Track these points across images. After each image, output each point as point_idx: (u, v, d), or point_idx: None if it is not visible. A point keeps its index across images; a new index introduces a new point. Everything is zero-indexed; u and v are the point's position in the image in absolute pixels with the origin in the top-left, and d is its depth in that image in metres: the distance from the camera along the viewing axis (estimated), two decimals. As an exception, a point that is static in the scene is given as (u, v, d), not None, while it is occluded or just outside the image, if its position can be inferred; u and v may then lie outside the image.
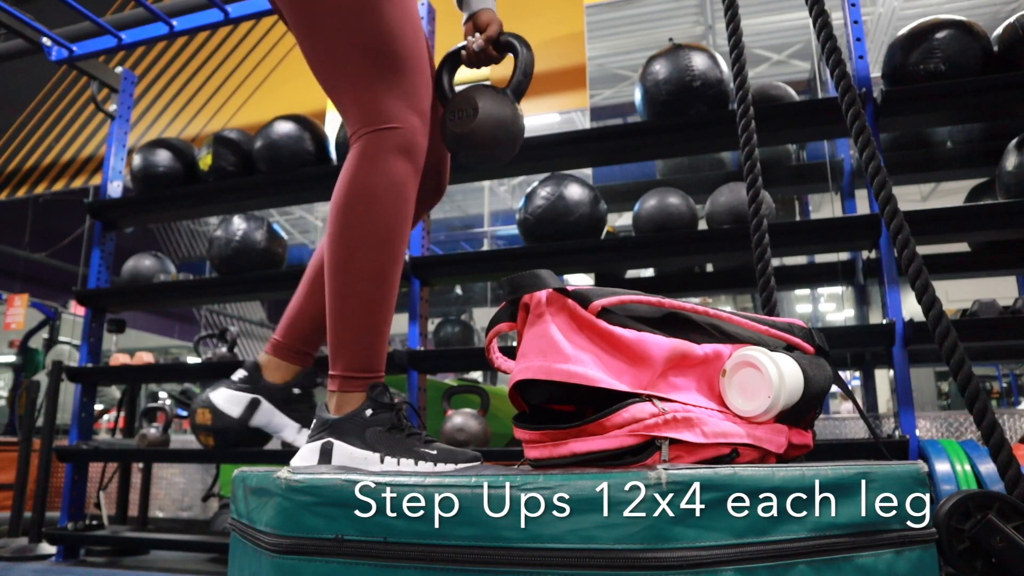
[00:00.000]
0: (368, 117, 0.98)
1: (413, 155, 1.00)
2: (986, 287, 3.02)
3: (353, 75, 0.99)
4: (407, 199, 0.99)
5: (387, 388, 0.96)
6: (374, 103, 0.98)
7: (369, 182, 0.96)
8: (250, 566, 0.80)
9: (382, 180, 0.96)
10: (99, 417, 5.05)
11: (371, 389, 0.94)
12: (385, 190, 0.97)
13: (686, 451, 0.79)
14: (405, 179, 0.99)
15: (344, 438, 0.91)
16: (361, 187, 0.96)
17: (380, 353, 0.98)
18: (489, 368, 3.84)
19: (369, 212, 0.96)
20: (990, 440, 0.95)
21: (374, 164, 0.96)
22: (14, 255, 7.38)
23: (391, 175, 0.97)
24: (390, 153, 0.97)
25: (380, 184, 0.96)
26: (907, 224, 1.06)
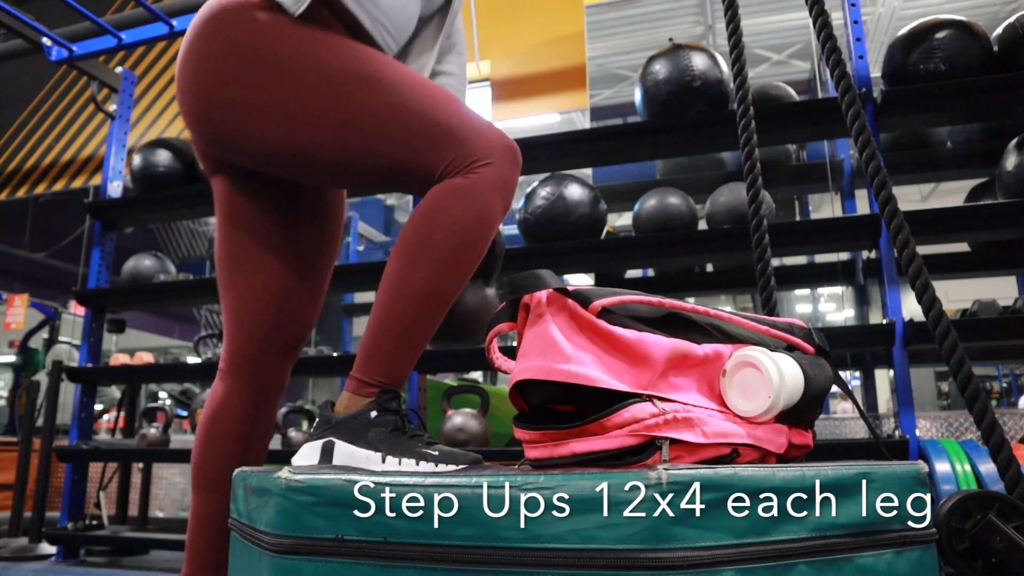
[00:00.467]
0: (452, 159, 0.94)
1: (505, 192, 0.97)
2: (986, 287, 3.02)
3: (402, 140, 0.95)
4: (489, 236, 0.97)
5: (397, 395, 0.96)
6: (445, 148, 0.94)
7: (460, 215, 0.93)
8: (250, 566, 0.80)
9: (475, 215, 0.94)
10: (99, 417, 5.06)
11: (381, 394, 0.94)
12: (476, 225, 0.94)
13: (686, 451, 0.79)
14: (495, 216, 0.96)
15: (346, 438, 0.91)
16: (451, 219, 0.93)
17: (407, 368, 0.97)
18: (489, 368, 3.84)
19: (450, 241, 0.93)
20: (990, 440, 0.95)
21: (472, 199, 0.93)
22: (14, 255, 7.38)
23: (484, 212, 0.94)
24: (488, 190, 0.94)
25: (471, 218, 0.93)
26: (907, 224, 1.06)
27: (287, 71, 0.95)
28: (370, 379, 0.95)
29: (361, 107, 0.95)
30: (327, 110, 0.95)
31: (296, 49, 0.95)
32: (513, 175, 0.97)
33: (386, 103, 0.95)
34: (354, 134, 0.96)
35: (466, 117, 0.97)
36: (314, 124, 0.96)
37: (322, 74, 0.95)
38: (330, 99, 0.95)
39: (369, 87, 0.95)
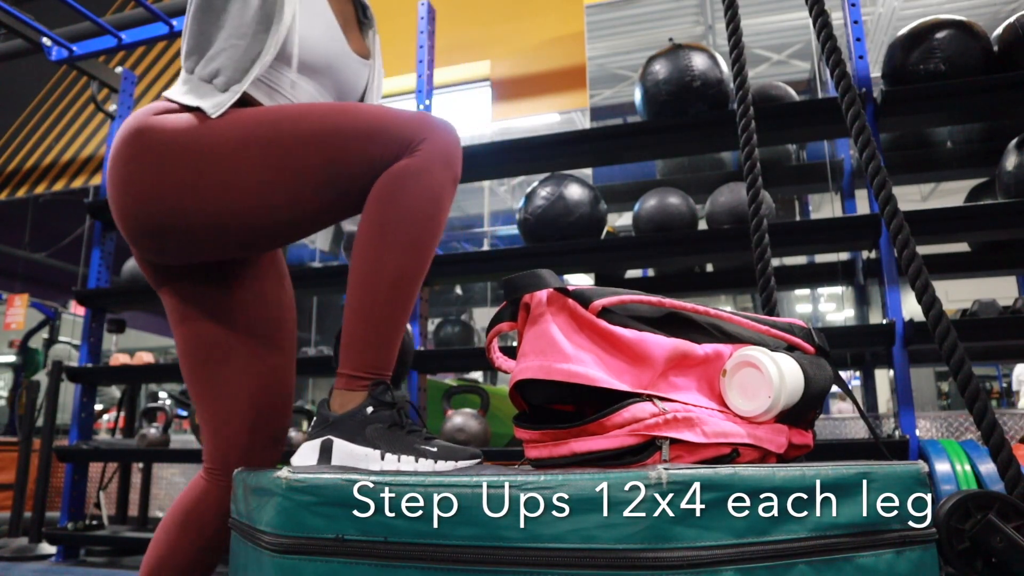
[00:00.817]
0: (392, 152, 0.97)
1: (449, 162, 0.99)
2: (986, 287, 3.02)
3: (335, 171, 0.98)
4: (443, 209, 0.99)
5: (390, 387, 0.96)
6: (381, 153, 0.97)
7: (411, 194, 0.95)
8: (250, 566, 0.80)
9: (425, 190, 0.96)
10: (99, 417, 5.06)
11: (374, 387, 0.95)
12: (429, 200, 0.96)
13: (686, 451, 0.79)
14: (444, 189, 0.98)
15: (344, 436, 0.91)
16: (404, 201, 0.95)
17: (391, 355, 0.98)
18: (489, 368, 3.85)
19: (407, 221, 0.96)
20: (990, 440, 0.95)
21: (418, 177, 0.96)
22: (14, 255, 7.38)
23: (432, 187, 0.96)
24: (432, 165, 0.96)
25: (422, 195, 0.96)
26: (907, 224, 1.06)
27: (222, 155, 0.98)
28: (358, 372, 0.95)
29: (302, 155, 0.97)
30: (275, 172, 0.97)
31: (224, 135, 0.98)
32: (451, 146, 1.00)
33: (322, 138, 0.97)
34: (308, 179, 0.98)
35: (388, 111, 1.00)
36: (267, 187, 0.98)
37: (252, 145, 0.98)
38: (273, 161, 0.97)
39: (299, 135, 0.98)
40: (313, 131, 0.97)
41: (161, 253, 1.06)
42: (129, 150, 1.00)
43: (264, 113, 1.01)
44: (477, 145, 2.76)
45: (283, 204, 0.99)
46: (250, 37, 1.01)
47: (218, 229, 1.00)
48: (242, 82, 1.01)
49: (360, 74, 1.20)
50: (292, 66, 1.07)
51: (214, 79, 1.02)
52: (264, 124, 0.99)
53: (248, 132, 0.98)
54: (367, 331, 0.96)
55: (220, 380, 1.11)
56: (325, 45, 1.11)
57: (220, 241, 1.03)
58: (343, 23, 1.17)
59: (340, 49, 1.14)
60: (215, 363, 1.11)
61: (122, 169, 1.00)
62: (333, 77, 1.15)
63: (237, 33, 1.02)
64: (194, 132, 0.98)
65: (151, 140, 0.99)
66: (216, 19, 1.03)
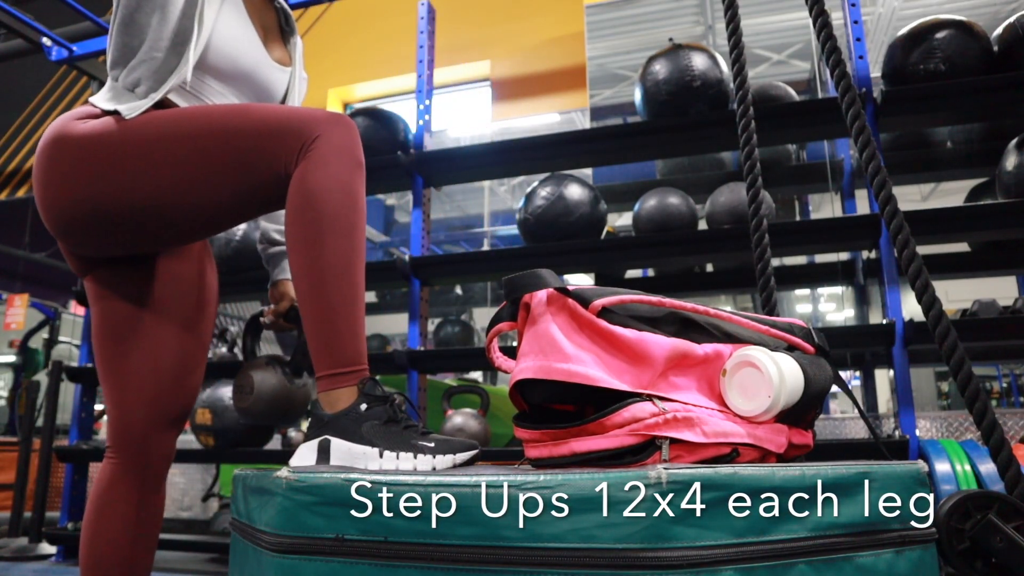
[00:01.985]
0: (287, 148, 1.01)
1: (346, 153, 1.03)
2: (986, 287, 3.02)
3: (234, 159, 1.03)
4: (356, 195, 1.03)
5: (377, 381, 0.97)
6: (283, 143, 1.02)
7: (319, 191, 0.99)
8: (250, 566, 0.80)
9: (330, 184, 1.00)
10: (99, 417, 5.05)
11: (362, 384, 0.95)
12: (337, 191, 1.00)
13: (686, 451, 0.79)
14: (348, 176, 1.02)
15: (341, 435, 0.91)
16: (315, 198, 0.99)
17: (360, 346, 0.99)
18: (489, 368, 3.85)
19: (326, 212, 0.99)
20: (990, 440, 0.95)
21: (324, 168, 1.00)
22: (14, 255, 7.37)
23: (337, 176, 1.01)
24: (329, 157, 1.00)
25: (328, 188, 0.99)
26: (907, 224, 1.06)
27: (132, 151, 1.05)
28: (335, 369, 0.96)
29: (203, 151, 1.04)
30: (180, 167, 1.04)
31: (134, 134, 1.05)
32: (345, 137, 1.03)
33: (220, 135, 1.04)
34: (211, 174, 1.04)
35: (280, 109, 1.05)
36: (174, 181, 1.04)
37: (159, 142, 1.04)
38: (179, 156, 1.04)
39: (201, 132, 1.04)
40: (212, 128, 1.03)
41: (83, 246, 1.12)
42: (48, 150, 1.07)
43: (172, 113, 1.07)
44: (477, 145, 2.76)
45: (190, 198, 1.05)
46: (168, 51, 1.08)
47: (132, 223, 1.06)
48: (159, 91, 1.09)
49: (279, 81, 1.27)
50: (211, 75, 1.15)
51: (135, 88, 1.10)
52: (171, 123, 1.05)
53: (156, 130, 1.05)
54: (326, 328, 0.98)
55: (125, 358, 1.16)
56: (244, 55, 1.18)
57: (136, 234, 1.09)
58: (263, 33, 1.24)
59: (259, 58, 1.21)
60: (127, 341, 1.16)
61: (42, 168, 1.08)
62: (252, 85, 1.21)
63: (156, 47, 1.08)
64: (107, 132, 1.05)
65: (68, 142, 1.06)
66: (137, 33, 1.09)
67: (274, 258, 1.40)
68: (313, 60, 2.87)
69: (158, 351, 1.18)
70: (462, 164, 2.68)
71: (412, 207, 2.65)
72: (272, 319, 1.37)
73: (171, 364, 1.20)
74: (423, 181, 2.67)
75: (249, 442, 2.70)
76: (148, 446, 1.17)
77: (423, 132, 2.73)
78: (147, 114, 1.07)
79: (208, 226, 1.13)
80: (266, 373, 1.24)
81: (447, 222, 8.07)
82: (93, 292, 1.18)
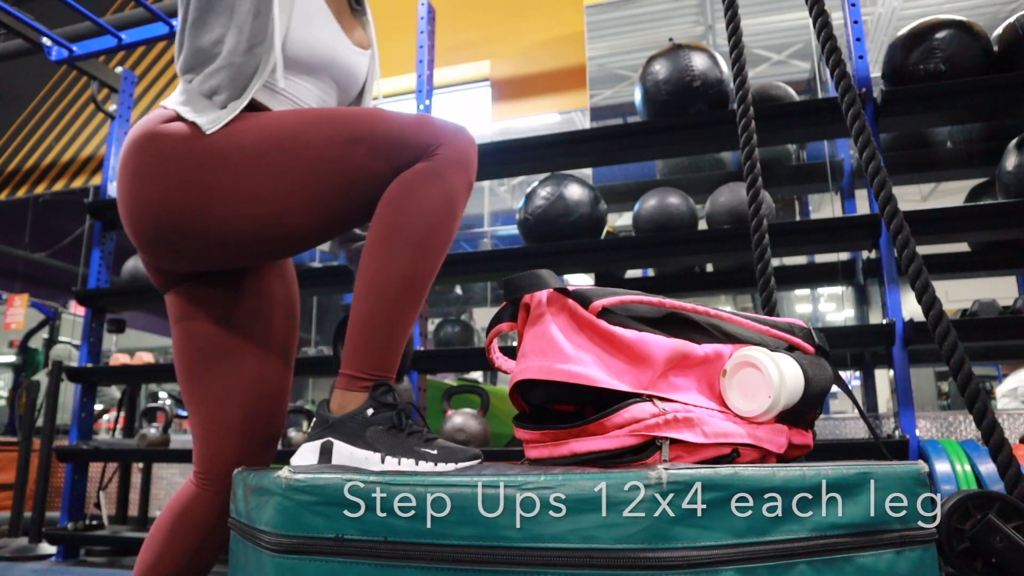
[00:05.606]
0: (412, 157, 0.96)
1: (466, 167, 0.98)
2: (986, 287, 3.02)
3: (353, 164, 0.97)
4: (456, 214, 0.98)
5: (391, 388, 0.95)
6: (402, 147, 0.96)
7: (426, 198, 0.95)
8: (250, 566, 0.80)
9: (439, 194, 0.95)
10: (99, 417, 5.05)
11: (374, 389, 0.94)
12: (443, 204, 0.95)
13: (687, 451, 0.79)
14: (458, 194, 0.98)
15: (344, 438, 0.91)
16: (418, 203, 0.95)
17: (395, 358, 0.97)
18: (489, 368, 3.85)
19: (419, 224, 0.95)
20: (990, 440, 0.95)
21: (434, 181, 0.95)
22: (14, 255, 7.37)
23: (447, 191, 0.96)
24: (448, 170, 0.96)
25: (436, 199, 0.95)
26: (907, 224, 1.06)
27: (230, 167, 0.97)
28: (361, 373, 0.95)
29: (317, 165, 0.97)
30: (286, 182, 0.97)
31: (229, 148, 0.98)
32: (469, 150, 0.99)
33: (341, 143, 0.97)
34: (324, 184, 0.97)
35: (404, 117, 1.00)
36: (279, 197, 0.97)
37: (263, 156, 0.97)
38: (285, 171, 0.97)
39: (313, 144, 0.97)
40: (323, 139, 0.97)
41: (173, 261, 1.05)
42: (138, 159, 1.00)
43: (272, 122, 0.99)
44: (477, 145, 2.75)
45: (296, 214, 0.98)
46: (248, 54, 1.00)
47: (229, 239, 0.99)
48: (241, 99, 1.01)
49: (360, 65, 1.19)
50: (291, 68, 1.07)
51: (214, 96, 1.02)
52: (272, 133, 0.98)
53: (254, 143, 0.97)
54: (373, 333, 0.95)
55: (215, 380, 1.10)
56: (323, 43, 1.10)
57: (232, 251, 1.02)
58: (338, 15, 1.15)
59: (339, 43, 1.13)
60: (212, 362, 1.10)
61: (132, 176, 1.00)
62: (334, 73, 1.14)
63: (236, 51, 1.00)
64: (198, 144, 0.98)
65: (159, 148, 0.99)
66: (210, 35, 1.02)
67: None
68: (313, 60, 2.81)
69: (245, 373, 1.11)
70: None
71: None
72: None
73: (259, 386, 1.13)
74: (423, 181, 2.66)
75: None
76: None
77: (423, 132, 2.73)
78: (241, 122, 0.99)
79: (313, 241, 1.06)
80: None
81: (449, 223, 8.06)
82: (175, 311, 1.11)
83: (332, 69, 1.13)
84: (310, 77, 1.11)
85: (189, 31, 1.03)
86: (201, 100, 1.02)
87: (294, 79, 1.09)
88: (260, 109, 1.06)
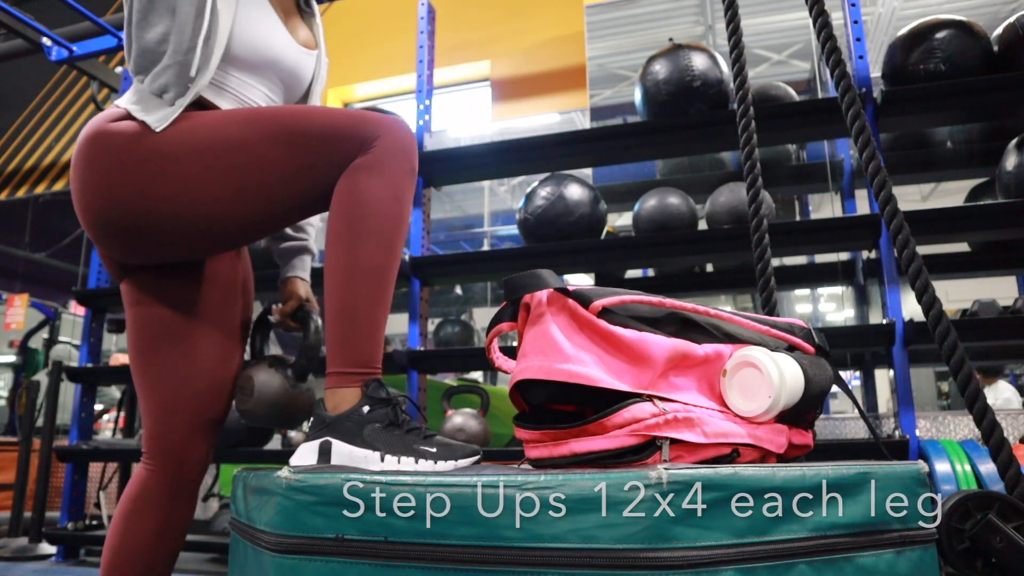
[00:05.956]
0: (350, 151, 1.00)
1: (405, 156, 1.02)
2: (986, 287, 3.02)
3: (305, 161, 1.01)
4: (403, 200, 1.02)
5: (382, 383, 0.96)
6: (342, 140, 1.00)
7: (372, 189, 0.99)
8: (250, 566, 0.80)
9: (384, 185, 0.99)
10: (99, 417, 5.05)
11: (366, 385, 0.95)
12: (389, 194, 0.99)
13: (687, 451, 0.79)
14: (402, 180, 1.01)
15: (342, 437, 0.91)
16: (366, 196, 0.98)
17: (377, 349, 0.99)
18: (489, 368, 3.85)
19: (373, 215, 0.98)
20: (990, 440, 0.95)
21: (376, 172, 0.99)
22: (14, 255, 7.37)
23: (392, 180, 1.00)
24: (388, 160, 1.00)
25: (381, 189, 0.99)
26: (907, 224, 1.06)
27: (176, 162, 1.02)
28: (348, 368, 0.96)
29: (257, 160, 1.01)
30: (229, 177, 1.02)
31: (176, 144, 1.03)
32: (406, 139, 1.03)
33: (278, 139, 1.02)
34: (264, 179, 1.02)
35: (341, 112, 1.04)
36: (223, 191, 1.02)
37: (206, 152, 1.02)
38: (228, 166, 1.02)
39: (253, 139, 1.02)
40: (264, 135, 1.01)
41: (122, 253, 1.10)
42: (88, 153, 1.05)
43: (217, 119, 1.04)
44: (477, 145, 2.76)
45: (239, 207, 1.03)
46: (191, 52, 1.05)
47: (177, 233, 1.04)
48: (187, 96, 1.05)
49: (306, 65, 1.24)
50: (236, 66, 1.12)
51: (163, 94, 1.06)
52: (216, 131, 1.03)
53: (200, 139, 1.02)
54: (349, 327, 0.97)
55: (167, 363, 1.14)
56: (268, 42, 1.14)
57: (180, 244, 1.07)
58: (285, 16, 1.21)
59: (284, 43, 1.18)
60: (164, 345, 1.14)
61: (83, 172, 1.06)
62: (279, 71, 1.18)
63: (179, 49, 1.05)
64: (146, 141, 1.02)
65: (108, 145, 1.03)
66: (154, 34, 1.06)
67: (286, 253, 1.36)
68: (313, 60, 2.78)
69: (196, 355, 1.15)
70: (462, 164, 2.68)
71: (412, 207, 2.65)
72: (279, 318, 1.34)
73: (209, 367, 1.17)
74: (423, 181, 2.67)
75: (249, 442, 2.70)
76: (185, 451, 1.15)
77: (423, 132, 2.73)
78: (187, 120, 1.04)
79: (259, 233, 1.11)
80: (269, 375, 1.23)
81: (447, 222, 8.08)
82: (129, 297, 1.15)
83: (277, 67, 1.17)
84: (256, 75, 1.15)
85: (135, 31, 1.08)
86: (151, 99, 1.07)
87: (241, 77, 1.13)
88: (209, 107, 1.10)
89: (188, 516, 1.18)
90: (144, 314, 1.14)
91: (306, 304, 1.32)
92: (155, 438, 1.14)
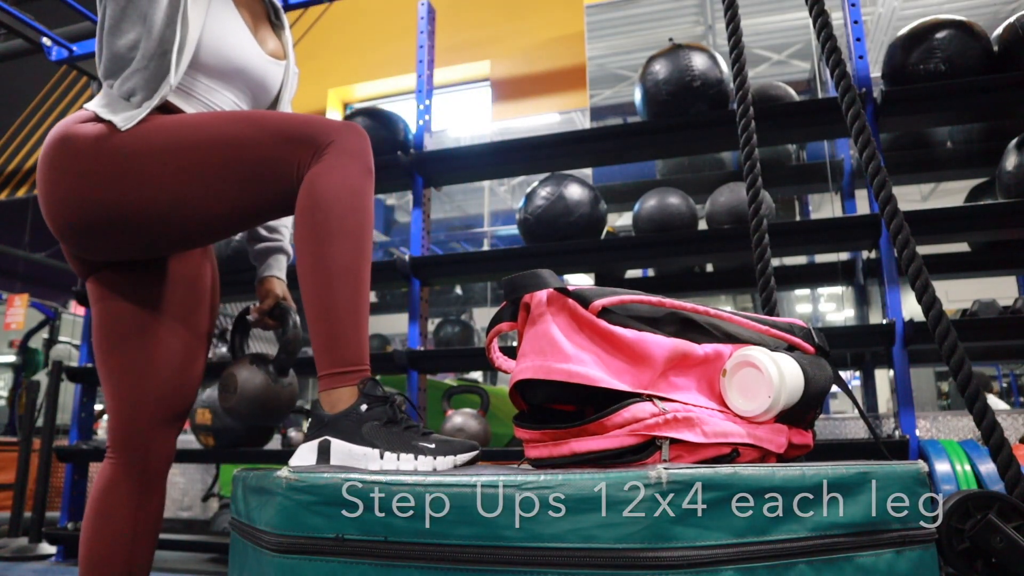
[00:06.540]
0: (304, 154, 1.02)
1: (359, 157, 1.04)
2: (986, 287, 3.02)
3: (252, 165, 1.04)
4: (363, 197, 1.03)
5: (377, 381, 0.97)
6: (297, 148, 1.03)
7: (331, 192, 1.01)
8: (250, 566, 0.80)
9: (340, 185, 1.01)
10: (99, 417, 5.05)
11: (362, 384, 0.95)
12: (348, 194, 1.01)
13: (687, 451, 0.79)
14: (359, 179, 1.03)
15: (341, 436, 0.91)
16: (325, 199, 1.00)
17: (363, 347, 1.00)
18: (489, 368, 3.85)
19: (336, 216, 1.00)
20: (990, 440, 0.95)
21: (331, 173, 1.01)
22: (14, 255, 7.38)
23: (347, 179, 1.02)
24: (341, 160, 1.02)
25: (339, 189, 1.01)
26: (907, 224, 1.06)
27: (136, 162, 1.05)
28: (336, 368, 0.97)
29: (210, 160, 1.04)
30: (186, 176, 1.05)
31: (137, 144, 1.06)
32: (358, 141, 1.05)
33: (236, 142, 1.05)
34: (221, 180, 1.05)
35: (294, 117, 1.07)
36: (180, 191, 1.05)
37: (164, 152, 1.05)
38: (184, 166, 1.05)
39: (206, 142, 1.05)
40: (225, 138, 1.04)
41: (86, 251, 1.12)
42: (52, 153, 1.08)
43: (179, 121, 1.07)
44: (477, 145, 2.76)
45: (197, 206, 1.05)
46: (158, 58, 1.08)
47: (138, 230, 1.07)
48: (153, 99, 1.08)
49: (274, 75, 1.27)
50: (204, 73, 1.15)
51: (131, 97, 1.10)
52: (178, 132, 1.06)
53: (162, 140, 1.05)
54: (329, 328, 0.98)
55: (131, 358, 1.16)
56: (236, 51, 1.18)
57: (142, 241, 1.09)
58: (254, 27, 1.25)
59: (252, 53, 1.21)
60: (128, 341, 1.16)
61: (46, 171, 1.08)
62: (246, 80, 1.22)
63: (149, 55, 1.08)
64: (110, 141, 1.05)
65: (72, 146, 1.06)
66: (125, 41, 1.09)
67: (261, 254, 1.40)
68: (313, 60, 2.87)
69: (159, 350, 1.18)
70: (462, 164, 2.68)
71: (412, 207, 2.65)
72: (257, 316, 1.37)
73: (172, 363, 1.20)
74: (423, 181, 2.67)
75: (249, 442, 2.70)
76: (149, 445, 1.17)
77: (423, 132, 2.74)
78: (150, 122, 1.07)
79: (218, 233, 1.13)
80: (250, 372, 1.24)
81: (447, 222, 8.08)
82: (95, 294, 1.18)
83: (244, 76, 1.21)
84: (223, 82, 1.19)
85: (107, 37, 1.11)
86: (120, 102, 1.10)
87: (208, 83, 1.17)
88: (176, 111, 1.14)
89: (158, 507, 1.21)
90: (108, 310, 1.16)
91: (283, 302, 1.35)
92: (118, 432, 1.17)
